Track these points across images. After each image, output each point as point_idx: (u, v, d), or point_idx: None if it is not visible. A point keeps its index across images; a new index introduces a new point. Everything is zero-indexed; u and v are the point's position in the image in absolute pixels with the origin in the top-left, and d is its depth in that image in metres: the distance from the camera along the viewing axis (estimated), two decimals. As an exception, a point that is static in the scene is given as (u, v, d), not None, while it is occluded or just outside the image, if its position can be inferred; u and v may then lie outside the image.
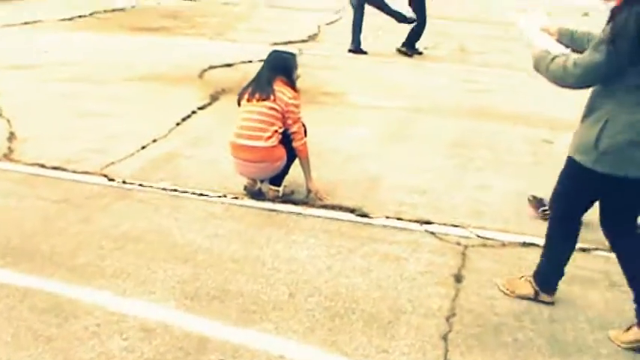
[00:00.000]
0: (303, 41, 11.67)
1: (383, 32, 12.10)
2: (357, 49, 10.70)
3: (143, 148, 5.68)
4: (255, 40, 11.47)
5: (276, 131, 4.58)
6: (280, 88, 4.62)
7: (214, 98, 7.34)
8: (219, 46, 10.80)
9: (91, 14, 14.06)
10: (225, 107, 6.94)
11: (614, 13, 2.98)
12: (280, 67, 4.72)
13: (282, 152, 4.64)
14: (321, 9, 17.03)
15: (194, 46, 10.64)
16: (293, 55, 4.88)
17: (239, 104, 4.77)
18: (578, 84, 3.10)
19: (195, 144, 5.87)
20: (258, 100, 4.60)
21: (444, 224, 4.49)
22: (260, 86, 4.65)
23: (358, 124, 6.74)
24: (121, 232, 4.17)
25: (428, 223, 4.49)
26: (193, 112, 6.76)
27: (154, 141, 5.85)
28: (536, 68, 3.29)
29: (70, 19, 13.03)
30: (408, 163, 5.63)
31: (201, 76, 8.43)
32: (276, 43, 11.10)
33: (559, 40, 3.51)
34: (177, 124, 6.37)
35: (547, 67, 3.20)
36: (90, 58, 9.32)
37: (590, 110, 3.16)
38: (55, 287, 3.51)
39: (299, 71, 4.84)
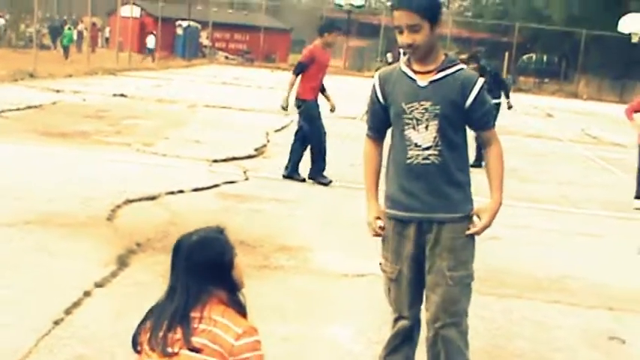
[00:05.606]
0: (250, 157, 9.48)
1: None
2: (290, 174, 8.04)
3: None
4: (191, 155, 9.19)
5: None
6: (218, 318, 2.26)
7: (123, 263, 4.85)
8: (144, 163, 8.43)
9: (-1, 112, 11.64)
10: (137, 284, 4.55)
11: None
12: (208, 270, 2.31)
13: None
14: (269, 109, 14.99)
15: (112, 163, 8.23)
16: (221, 235, 2.41)
17: (137, 350, 2.42)
18: None
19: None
20: (167, 356, 2.23)
21: None
22: (174, 319, 2.29)
23: (334, 316, 4.32)
24: None
25: None
26: (86, 294, 4.28)
27: (1, 374, 3.38)
28: None
29: (-29, 119, 10.57)
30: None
31: (111, 217, 5.94)
32: (216, 161, 8.89)
33: None
34: (56, 323, 3.82)
35: None
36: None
37: None
38: None
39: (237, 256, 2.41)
